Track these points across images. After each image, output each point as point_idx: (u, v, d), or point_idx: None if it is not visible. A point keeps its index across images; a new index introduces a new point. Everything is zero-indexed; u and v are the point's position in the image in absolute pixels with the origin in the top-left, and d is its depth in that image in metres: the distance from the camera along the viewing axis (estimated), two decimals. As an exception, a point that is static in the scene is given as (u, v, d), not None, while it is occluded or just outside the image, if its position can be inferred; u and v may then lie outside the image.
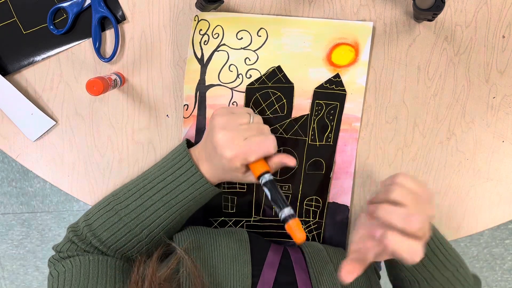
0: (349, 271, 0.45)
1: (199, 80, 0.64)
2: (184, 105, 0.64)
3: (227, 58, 0.63)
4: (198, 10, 0.61)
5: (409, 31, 0.61)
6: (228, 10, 0.62)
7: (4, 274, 1.61)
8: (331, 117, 0.63)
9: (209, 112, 0.65)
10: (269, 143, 0.52)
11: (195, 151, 0.56)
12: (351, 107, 0.63)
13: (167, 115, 0.65)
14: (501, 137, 0.63)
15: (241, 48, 0.63)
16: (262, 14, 0.62)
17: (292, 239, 0.66)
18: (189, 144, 0.60)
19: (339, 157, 0.64)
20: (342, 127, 0.64)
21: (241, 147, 0.51)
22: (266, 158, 0.53)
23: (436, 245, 0.54)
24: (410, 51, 0.62)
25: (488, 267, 1.48)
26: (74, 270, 0.50)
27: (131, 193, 0.54)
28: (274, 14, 0.62)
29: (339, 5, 0.61)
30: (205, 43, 0.63)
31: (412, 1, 0.55)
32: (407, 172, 0.65)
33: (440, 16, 0.60)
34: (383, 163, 0.64)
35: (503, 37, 0.61)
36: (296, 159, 0.64)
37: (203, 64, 0.63)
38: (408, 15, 0.61)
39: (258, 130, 0.53)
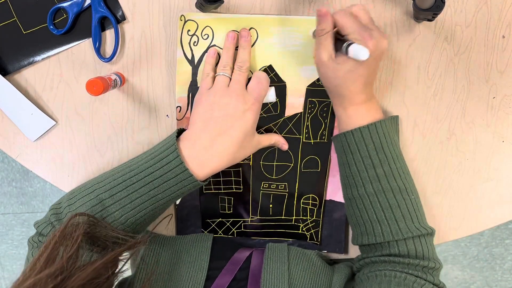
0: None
1: (191, 81, 0.64)
2: (177, 107, 0.64)
3: (218, 59, 0.63)
4: (198, 10, 0.61)
5: (409, 31, 0.61)
6: (228, 10, 0.62)
7: (4, 274, 1.61)
8: (324, 115, 0.63)
9: None
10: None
11: (186, 143, 0.54)
12: None
13: (167, 115, 0.65)
14: (501, 137, 0.63)
15: None
16: (263, 14, 0.62)
17: (272, 238, 0.66)
18: (181, 132, 0.57)
19: (334, 155, 0.64)
20: (336, 124, 0.64)
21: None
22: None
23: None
24: (410, 51, 0.62)
25: (488, 267, 1.48)
26: None
27: (117, 183, 0.53)
28: (274, 14, 0.62)
29: (339, 5, 0.61)
30: (195, 44, 0.63)
31: (412, 1, 0.55)
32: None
33: (440, 16, 0.60)
34: (383, 163, 0.64)
35: (503, 37, 0.61)
36: (292, 157, 0.65)
37: (194, 65, 0.63)
38: (408, 15, 0.61)
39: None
